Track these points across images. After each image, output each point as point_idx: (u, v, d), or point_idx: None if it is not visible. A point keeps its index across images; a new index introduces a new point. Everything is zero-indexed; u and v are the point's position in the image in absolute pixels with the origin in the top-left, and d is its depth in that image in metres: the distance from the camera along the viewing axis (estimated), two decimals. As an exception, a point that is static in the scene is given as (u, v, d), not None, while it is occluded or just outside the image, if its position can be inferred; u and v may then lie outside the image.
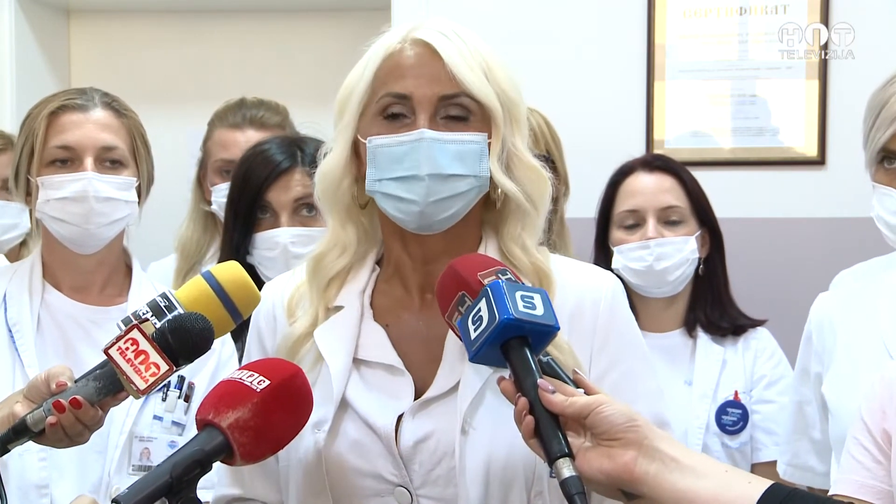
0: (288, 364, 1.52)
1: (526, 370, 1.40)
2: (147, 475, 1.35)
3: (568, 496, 1.32)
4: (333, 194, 1.68)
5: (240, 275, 1.69)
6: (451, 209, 1.60)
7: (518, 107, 1.64)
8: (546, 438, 1.36)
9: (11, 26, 3.93)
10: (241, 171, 2.63)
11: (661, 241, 2.73)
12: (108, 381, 1.62)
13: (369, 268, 1.71)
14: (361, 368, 1.65)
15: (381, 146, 1.59)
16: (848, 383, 2.17)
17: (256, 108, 3.17)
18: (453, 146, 1.58)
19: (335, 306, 1.68)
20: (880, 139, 2.07)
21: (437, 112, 1.59)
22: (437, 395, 1.60)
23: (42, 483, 2.16)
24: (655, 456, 1.35)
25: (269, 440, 1.43)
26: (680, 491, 1.34)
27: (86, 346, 2.26)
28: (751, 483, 1.33)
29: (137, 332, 1.56)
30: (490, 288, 1.41)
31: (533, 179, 1.64)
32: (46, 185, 2.27)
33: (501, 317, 1.38)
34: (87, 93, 2.33)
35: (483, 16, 3.55)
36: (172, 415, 2.25)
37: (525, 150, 1.64)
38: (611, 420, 1.36)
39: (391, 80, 1.60)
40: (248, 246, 2.59)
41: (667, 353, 2.78)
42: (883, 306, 2.18)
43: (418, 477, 1.58)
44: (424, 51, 1.60)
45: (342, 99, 1.66)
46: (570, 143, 3.08)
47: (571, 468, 1.34)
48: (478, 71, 1.59)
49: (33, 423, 1.63)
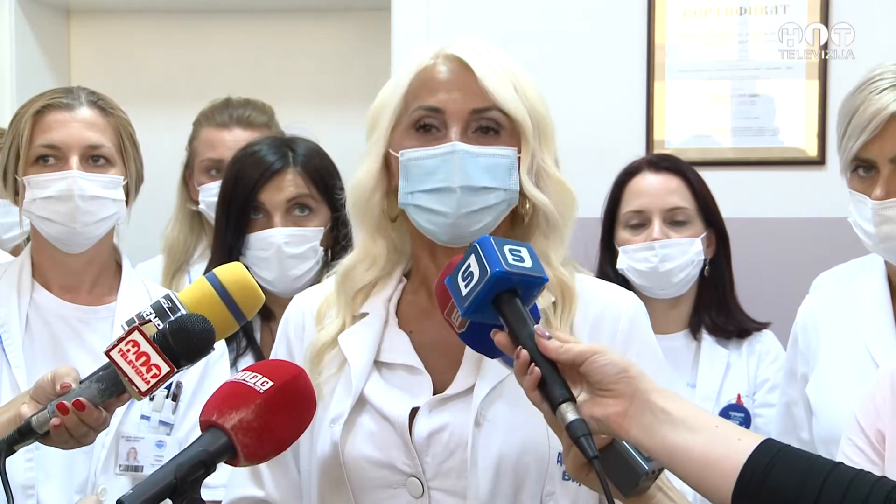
0: (291, 365, 1.53)
1: (520, 321, 1.40)
2: (151, 476, 1.35)
3: (574, 439, 1.33)
4: (364, 207, 1.70)
5: (243, 276, 1.70)
6: (481, 222, 1.63)
7: (547, 122, 1.68)
8: (549, 385, 1.37)
9: (11, 26, 3.93)
10: (233, 173, 2.63)
11: (667, 242, 2.72)
12: (110, 382, 1.62)
13: (396, 279, 1.74)
14: (382, 370, 1.68)
15: (414, 159, 1.63)
16: (831, 384, 2.19)
17: (243, 108, 3.17)
18: (484, 159, 1.61)
19: (361, 313, 1.71)
20: (852, 148, 2.07)
21: (469, 125, 1.62)
22: (455, 393, 1.62)
23: (28, 483, 2.17)
24: (646, 408, 1.35)
25: (272, 441, 1.43)
26: (670, 445, 1.33)
27: (75, 345, 2.27)
28: (741, 439, 1.32)
29: (138, 334, 1.56)
30: (478, 243, 1.42)
31: (561, 194, 1.68)
32: (32, 184, 2.27)
33: (493, 269, 1.39)
34: (74, 92, 2.33)
35: (483, 16, 3.55)
36: (160, 414, 2.25)
37: (553, 165, 1.68)
38: (604, 370, 1.36)
39: (424, 94, 1.63)
40: (242, 247, 2.59)
41: (670, 355, 2.74)
42: (864, 308, 2.20)
43: (431, 468, 1.60)
44: (456, 66, 1.64)
45: (374, 113, 1.69)
46: (569, 144, 3.05)
47: (575, 412, 1.34)
48: (508, 85, 1.62)
49: (38, 424, 1.64)
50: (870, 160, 2.07)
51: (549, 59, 3.50)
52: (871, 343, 2.14)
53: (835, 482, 1.25)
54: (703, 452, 1.32)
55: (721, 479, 1.30)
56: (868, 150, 2.06)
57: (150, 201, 2.60)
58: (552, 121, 1.69)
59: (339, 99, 4.05)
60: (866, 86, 2.07)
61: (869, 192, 2.08)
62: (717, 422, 1.37)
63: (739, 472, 1.29)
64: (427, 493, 1.60)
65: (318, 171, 2.60)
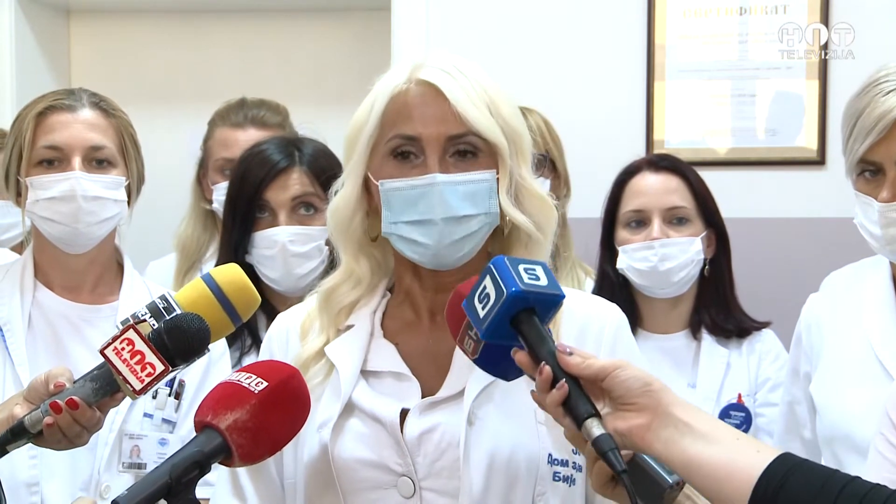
0: (285, 366, 1.53)
1: (540, 339, 1.41)
2: (146, 477, 1.35)
3: (601, 453, 1.33)
4: (346, 230, 1.71)
5: (239, 277, 1.70)
6: (464, 249, 1.65)
7: (522, 138, 1.68)
8: (573, 401, 1.37)
9: (11, 26, 3.94)
10: (240, 172, 2.64)
11: (666, 241, 2.71)
12: (104, 381, 1.62)
13: (380, 293, 1.75)
14: (370, 378, 1.68)
15: (395, 189, 1.64)
16: (834, 383, 2.19)
17: (258, 108, 3.20)
18: (464, 187, 1.62)
19: (346, 326, 1.72)
20: (858, 150, 2.06)
21: (446, 151, 1.63)
22: (445, 396, 1.63)
23: (32, 481, 2.17)
24: (669, 421, 1.35)
25: (267, 441, 1.43)
26: (690, 456, 1.34)
27: (77, 344, 2.27)
28: (759, 452, 1.33)
29: (133, 333, 1.56)
30: (493, 264, 1.43)
31: (540, 208, 1.68)
32: (35, 185, 2.28)
33: (509, 290, 1.39)
34: (76, 93, 2.34)
35: (483, 16, 3.55)
36: (163, 412, 2.26)
37: (531, 179, 1.68)
38: (627, 384, 1.37)
39: (399, 121, 1.64)
40: (247, 245, 2.60)
41: (671, 355, 2.77)
42: (869, 307, 2.19)
43: (422, 468, 1.60)
44: (430, 91, 1.63)
45: (351, 137, 1.70)
46: (570, 144, 3.08)
47: (601, 427, 1.35)
48: (482, 108, 1.63)
49: (31, 424, 1.64)
50: (876, 162, 2.06)
51: (549, 59, 3.50)
52: (876, 342, 2.14)
53: (849, 495, 1.26)
54: (720, 464, 1.33)
55: (737, 491, 1.31)
56: (874, 153, 2.05)
57: (151, 202, 2.60)
58: (526, 133, 1.70)
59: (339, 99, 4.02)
60: (871, 87, 2.06)
61: (875, 194, 2.07)
62: (737, 435, 1.37)
63: (755, 483, 1.30)
64: (418, 493, 1.60)
65: (323, 170, 2.60)
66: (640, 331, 2.78)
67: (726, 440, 1.35)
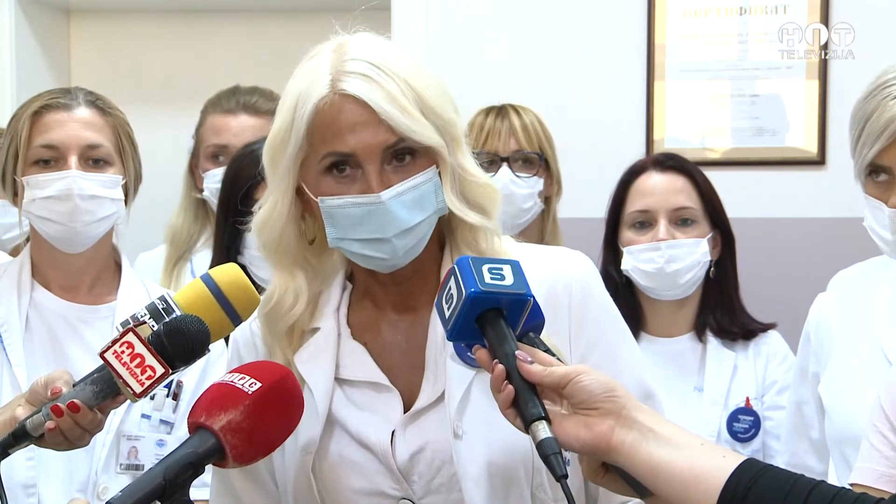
0: (278, 366, 1.52)
1: (500, 339, 1.40)
2: (140, 478, 1.35)
3: (544, 457, 1.33)
4: (277, 244, 1.64)
5: (238, 277, 1.69)
6: (419, 249, 1.60)
7: (456, 126, 1.62)
8: (522, 403, 1.36)
9: (11, 26, 3.93)
10: (231, 172, 2.65)
11: (673, 242, 2.68)
12: (105, 384, 1.62)
13: (339, 286, 1.70)
14: (345, 388, 1.64)
15: (337, 207, 1.57)
16: (843, 383, 2.18)
17: (250, 95, 3.18)
18: (409, 195, 1.56)
19: (312, 328, 1.68)
20: (867, 154, 2.04)
21: (384, 160, 1.56)
22: (425, 405, 1.61)
23: (29, 482, 2.17)
24: (633, 426, 1.35)
25: (260, 442, 1.43)
26: (655, 461, 1.34)
27: (75, 344, 2.28)
28: (725, 457, 1.34)
29: (133, 336, 1.55)
30: (457, 265, 1.42)
31: (484, 192, 1.63)
32: (31, 184, 2.28)
33: (468, 290, 1.39)
34: (72, 92, 2.35)
35: (482, 16, 3.55)
36: (160, 413, 2.27)
37: (471, 164, 1.63)
38: (589, 390, 1.36)
39: (329, 139, 1.55)
40: (240, 245, 2.60)
41: (676, 358, 2.74)
42: (879, 306, 2.19)
43: (420, 488, 1.59)
44: (355, 104, 1.55)
45: (273, 148, 1.60)
46: (569, 143, 3.08)
47: (548, 430, 1.34)
48: (412, 110, 1.55)
49: (33, 427, 1.63)
50: (886, 167, 2.05)
51: (549, 58, 3.50)
52: (886, 342, 2.12)
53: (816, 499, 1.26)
54: (686, 469, 1.33)
55: (704, 496, 1.31)
56: (883, 157, 2.03)
57: (151, 202, 2.60)
58: (456, 116, 1.62)
59: (339, 99, 4.04)
60: (879, 90, 2.04)
61: (885, 198, 2.06)
62: (701, 440, 1.38)
63: (721, 488, 1.30)
64: None
65: None
66: (644, 334, 2.76)
67: (691, 445, 1.35)
